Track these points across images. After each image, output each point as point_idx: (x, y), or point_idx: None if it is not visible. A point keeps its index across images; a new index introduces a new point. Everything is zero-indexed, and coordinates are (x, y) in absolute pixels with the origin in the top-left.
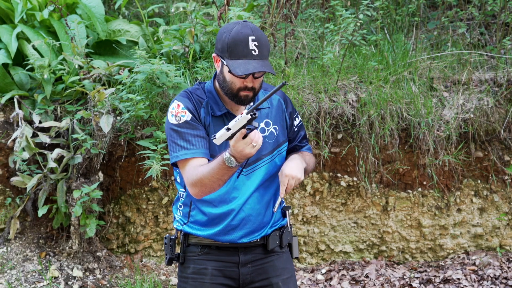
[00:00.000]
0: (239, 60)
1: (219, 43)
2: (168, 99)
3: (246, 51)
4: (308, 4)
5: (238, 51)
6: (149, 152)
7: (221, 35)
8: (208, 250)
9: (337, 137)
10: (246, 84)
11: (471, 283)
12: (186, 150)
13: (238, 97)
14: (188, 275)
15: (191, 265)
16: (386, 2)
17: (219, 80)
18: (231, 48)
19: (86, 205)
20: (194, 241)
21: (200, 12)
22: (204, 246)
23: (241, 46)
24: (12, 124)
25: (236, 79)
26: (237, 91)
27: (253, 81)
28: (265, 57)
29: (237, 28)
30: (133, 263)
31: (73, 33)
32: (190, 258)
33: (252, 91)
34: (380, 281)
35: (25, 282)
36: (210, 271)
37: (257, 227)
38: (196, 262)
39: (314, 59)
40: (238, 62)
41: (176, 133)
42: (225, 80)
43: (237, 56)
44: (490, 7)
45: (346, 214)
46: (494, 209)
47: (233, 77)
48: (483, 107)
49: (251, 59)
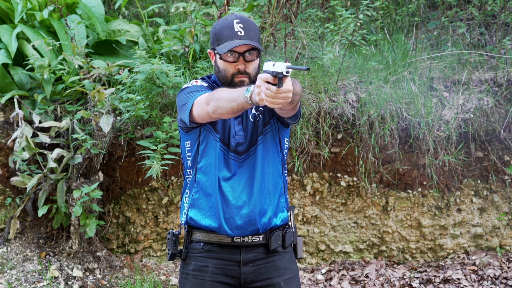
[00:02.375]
0: (225, 43)
1: (211, 38)
2: (168, 99)
3: (231, 33)
4: (308, 4)
5: (224, 35)
6: (149, 152)
7: (212, 29)
8: (210, 248)
9: (337, 137)
10: (239, 67)
11: (471, 283)
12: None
13: (234, 83)
14: (189, 271)
15: (192, 261)
16: (386, 2)
17: (216, 73)
18: (218, 34)
19: (86, 205)
20: (197, 237)
21: (200, 12)
22: (206, 243)
23: (227, 30)
24: (12, 124)
25: (228, 65)
26: (231, 77)
27: (244, 63)
28: (253, 39)
29: (223, 18)
30: (133, 263)
31: (73, 33)
32: (192, 254)
33: (247, 75)
34: (380, 281)
35: (25, 282)
36: (210, 269)
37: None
38: (198, 259)
39: (314, 59)
40: (224, 44)
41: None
42: (219, 70)
43: (223, 40)
44: (490, 7)
45: (346, 214)
46: (494, 209)
47: (225, 64)
48: (483, 107)
49: (237, 39)
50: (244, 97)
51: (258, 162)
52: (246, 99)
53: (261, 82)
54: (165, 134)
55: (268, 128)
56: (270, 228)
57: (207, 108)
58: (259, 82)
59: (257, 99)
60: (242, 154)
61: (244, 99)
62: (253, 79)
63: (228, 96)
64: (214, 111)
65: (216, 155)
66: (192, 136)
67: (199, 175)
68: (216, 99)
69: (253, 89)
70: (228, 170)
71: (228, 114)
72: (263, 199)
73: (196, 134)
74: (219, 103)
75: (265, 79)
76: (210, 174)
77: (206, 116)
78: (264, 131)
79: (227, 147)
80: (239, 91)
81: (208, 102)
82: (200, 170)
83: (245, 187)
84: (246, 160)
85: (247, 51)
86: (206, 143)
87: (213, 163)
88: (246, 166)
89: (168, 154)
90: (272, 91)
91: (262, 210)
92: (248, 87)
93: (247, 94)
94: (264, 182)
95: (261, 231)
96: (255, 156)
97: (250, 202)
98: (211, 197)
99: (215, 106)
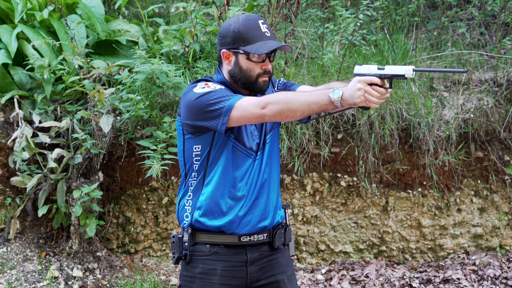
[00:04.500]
0: (257, 43)
1: (227, 37)
2: (168, 99)
3: (260, 33)
4: (308, 4)
5: (253, 35)
6: (149, 152)
7: (227, 28)
8: (217, 250)
9: (337, 137)
10: (265, 67)
11: (471, 283)
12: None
13: (257, 83)
14: (195, 274)
15: (199, 264)
16: (386, 2)
17: (233, 74)
18: (245, 34)
19: (86, 205)
20: (202, 239)
21: (200, 12)
22: (212, 246)
23: (254, 30)
24: (12, 124)
25: (255, 65)
26: (256, 77)
27: (270, 64)
28: (275, 39)
29: (243, 17)
30: (133, 263)
31: (73, 33)
32: (198, 258)
33: (269, 76)
34: (380, 281)
35: (25, 282)
36: (219, 272)
37: (267, 213)
38: (205, 262)
39: (314, 59)
40: (257, 45)
41: (211, 93)
42: (241, 70)
43: (253, 40)
44: (490, 7)
45: (346, 214)
46: (494, 209)
47: (251, 64)
48: (483, 107)
49: (267, 39)
50: (332, 99)
51: (267, 160)
52: (335, 101)
53: (364, 85)
54: (165, 134)
55: (275, 127)
56: (273, 226)
57: (261, 112)
58: (362, 85)
59: (357, 100)
60: (256, 153)
61: (329, 101)
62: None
63: (304, 99)
64: (278, 113)
65: (230, 155)
66: (204, 140)
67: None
68: (282, 102)
69: (345, 92)
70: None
71: (301, 116)
72: (271, 196)
73: (209, 138)
74: (290, 106)
75: (370, 82)
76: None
77: (256, 119)
78: (272, 130)
79: (242, 147)
80: (320, 93)
81: (265, 106)
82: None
83: (258, 185)
84: (258, 159)
85: (272, 52)
86: (219, 145)
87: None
88: (258, 165)
89: (168, 154)
90: (381, 93)
91: (271, 207)
92: (334, 89)
93: (336, 96)
94: (272, 180)
95: (268, 228)
96: (265, 154)
97: (261, 200)
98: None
99: (282, 109)
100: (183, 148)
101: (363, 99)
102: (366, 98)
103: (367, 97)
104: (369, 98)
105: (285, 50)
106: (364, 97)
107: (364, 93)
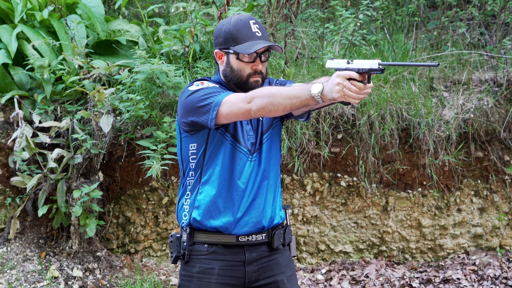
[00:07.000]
0: (246, 43)
1: (219, 38)
2: (168, 99)
3: (250, 33)
4: (308, 4)
5: (242, 35)
6: (149, 152)
7: (220, 29)
8: (215, 249)
9: (337, 137)
10: (256, 68)
11: (471, 283)
12: (224, 93)
13: (248, 84)
14: (193, 274)
15: (197, 264)
16: (386, 2)
17: (226, 74)
18: (235, 34)
19: (86, 205)
20: (200, 239)
21: (200, 12)
22: (210, 245)
23: (245, 30)
24: (12, 124)
25: (245, 65)
26: (247, 77)
27: (261, 64)
28: (268, 39)
29: (235, 18)
30: (133, 263)
31: (73, 33)
32: (196, 257)
33: (260, 76)
34: (380, 281)
35: (25, 282)
36: (216, 271)
37: (265, 213)
38: (203, 262)
39: (314, 59)
40: (245, 45)
41: (209, 93)
42: (232, 70)
43: (243, 40)
44: (490, 7)
45: (346, 214)
46: (494, 209)
47: (242, 64)
48: (483, 107)
49: (257, 39)
50: (312, 93)
51: (265, 160)
52: (315, 96)
53: (343, 80)
54: (165, 134)
55: (273, 127)
56: (272, 226)
57: (247, 106)
58: (340, 80)
59: (336, 95)
60: (253, 153)
61: (310, 96)
62: (264, 79)
63: (286, 93)
64: (262, 108)
65: (227, 155)
66: (199, 139)
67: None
68: (266, 96)
69: (325, 86)
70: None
71: (283, 111)
72: (269, 196)
73: (203, 136)
74: (273, 100)
75: (348, 76)
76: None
77: (242, 114)
78: (269, 130)
79: (239, 146)
80: (303, 88)
81: (251, 100)
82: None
83: (255, 185)
84: (255, 159)
85: (263, 52)
86: (215, 144)
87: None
88: (255, 164)
89: (168, 154)
90: (359, 88)
91: (268, 207)
92: (315, 84)
93: (316, 91)
94: (270, 180)
95: (266, 228)
96: (262, 154)
97: (258, 200)
98: (221, 197)
99: (265, 103)
100: (181, 148)
101: (342, 94)
102: (344, 93)
103: (346, 92)
104: (347, 93)
105: (274, 50)
106: (343, 92)
107: (343, 88)
